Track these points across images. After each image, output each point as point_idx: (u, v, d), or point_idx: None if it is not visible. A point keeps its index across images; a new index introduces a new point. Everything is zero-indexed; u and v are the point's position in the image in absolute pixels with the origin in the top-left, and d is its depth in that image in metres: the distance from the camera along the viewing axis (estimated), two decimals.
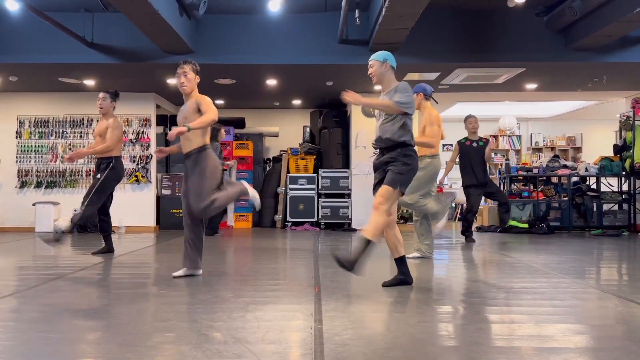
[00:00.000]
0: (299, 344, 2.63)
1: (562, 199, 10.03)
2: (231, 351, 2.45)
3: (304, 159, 10.79)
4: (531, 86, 9.77)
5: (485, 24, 7.79)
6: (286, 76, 8.86)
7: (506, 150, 13.84)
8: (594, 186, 10.25)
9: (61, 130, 10.23)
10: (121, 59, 7.81)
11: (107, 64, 7.88)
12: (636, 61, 7.87)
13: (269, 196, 10.90)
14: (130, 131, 10.19)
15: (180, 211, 8.84)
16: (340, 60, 7.89)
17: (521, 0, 6.75)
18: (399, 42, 7.22)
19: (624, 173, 9.89)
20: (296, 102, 11.43)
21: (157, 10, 6.02)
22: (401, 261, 4.13)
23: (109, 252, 6.18)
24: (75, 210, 9.70)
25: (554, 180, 10.40)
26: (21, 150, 10.23)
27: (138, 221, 10.06)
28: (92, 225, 9.22)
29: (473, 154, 7.75)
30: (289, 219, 10.47)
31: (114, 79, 8.93)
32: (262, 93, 10.34)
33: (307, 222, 10.46)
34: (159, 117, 10.78)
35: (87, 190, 6.02)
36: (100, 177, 5.95)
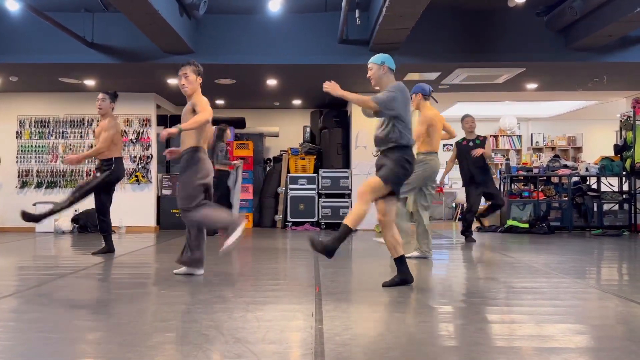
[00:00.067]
0: (299, 344, 2.63)
1: (563, 199, 10.02)
2: (232, 351, 2.45)
3: (304, 159, 10.79)
4: (531, 86, 9.76)
5: (485, 24, 7.79)
6: (286, 76, 8.86)
7: (506, 150, 13.83)
8: (594, 186, 10.25)
9: (61, 131, 10.24)
10: (121, 59, 7.81)
11: (107, 64, 7.88)
12: (636, 61, 7.86)
13: (269, 196, 10.89)
14: (131, 131, 10.19)
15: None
16: (340, 60, 7.89)
17: (521, 0, 6.75)
18: (399, 42, 7.21)
19: (624, 173, 9.88)
20: (296, 102, 11.43)
21: (157, 10, 6.02)
22: (400, 261, 4.14)
23: (109, 252, 6.17)
24: (76, 211, 9.72)
25: (555, 180, 10.40)
26: (21, 151, 10.23)
27: (138, 221, 10.06)
28: (92, 226, 9.22)
29: (469, 153, 7.76)
30: (289, 219, 10.47)
31: (114, 79, 8.93)
32: (262, 93, 10.34)
33: (308, 222, 10.46)
34: (159, 117, 10.77)
35: (85, 183, 5.94)
36: (99, 176, 5.93)
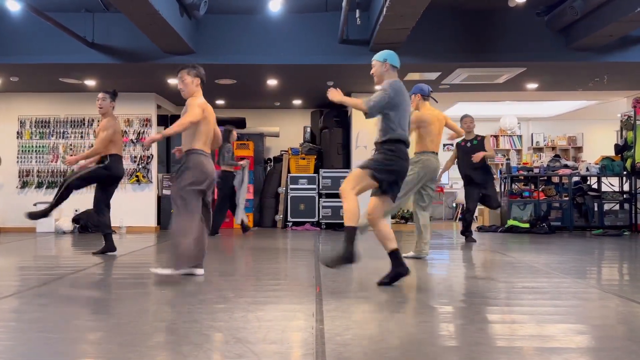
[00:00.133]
0: (300, 344, 2.63)
1: (563, 198, 10.02)
2: (232, 351, 2.45)
3: (304, 159, 10.79)
4: (532, 86, 9.76)
5: (485, 23, 7.79)
6: (287, 76, 8.86)
7: (507, 150, 13.83)
8: (595, 186, 10.24)
9: (62, 131, 10.24)
10: (122, 59, 7.81)
11: (107, 64, 7.88)
12: (637, 61, 7.86)
13: (269, 196, 10.90)
14: (131, 131, 10.20)
15: None
16: (340, 60, 7.89)
17: (522, 0, 6.75)
18: (400, 42, 7.21)
19: (625, 173, 9.88)
20: (297, 102, 11.43)
21: (158, 11, 6.02)
22: (392, 255, 4.09)
23: (109, 252, 6.09)
24: (77, 211, 9.73)
25: (555, 180, 10.39)
26: (22, 151, 10.24)
27: (139, 221, 10.06)
28: (93, 226, 9.22)
29: (468, 153, 7.77)
30: (289, 219, 10.47)
31: (114, 79, 8.94)
32: (262, 93, 10.34)
33: (308, 222, 10.46)
34: (159, 117, 10.78)
35: (78, 170, 5.87)
36: (92, 166, 5.87)
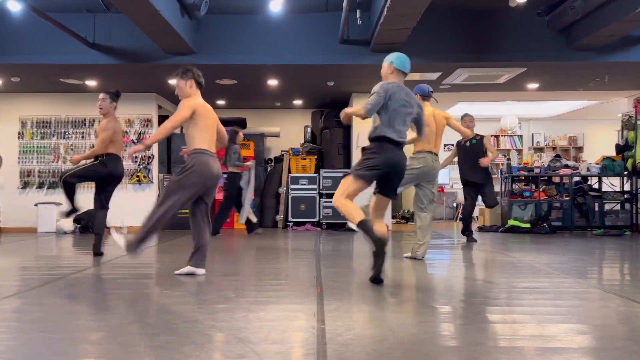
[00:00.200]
0: (301, 344, 2.63)
1: (564, 198, 10.02)
2: (234, 351, 2.45)
3: (305, 159, 10.79)
4: (532, 86, 9.76)
5: (486, 23, 7.79)
6: (287, 76, 8.86)
7: (507, 150, 13.83)
8: (595, 186, 10.24)
9: (63, 131, 10.25)
10: (122, 59, 7.82)
11: (108, 64, 7.89)
12: (638, 61, 7.86)
13: (270, 196, 10.89)
14: (132, 132, 10.20)
15: (182, 212, 8.87)
16: (341, 61, 7.89)
17: (522, 0, 6.75)
18: (401, 42, 7.21)
19: (625, 173, 9.87)
20: (297, 102, 11.43)
21: (159, 11, 6.02)
22: (360, 226, 4.03)
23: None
24: (77, 211, 9.72)
25: (556, 180, 10.39)
26: (23, 151, 10.25)
27: (140, 221, 10.00)
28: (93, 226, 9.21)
29: (467, 152, 7.77)
30: (290, 219, 10.47)
31: (115, 79, 8.94)
32: (263, 93, 10.34)
33: (309, 222, 10.46)
34: (160, 117, 10.78)
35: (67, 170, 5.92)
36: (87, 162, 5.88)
